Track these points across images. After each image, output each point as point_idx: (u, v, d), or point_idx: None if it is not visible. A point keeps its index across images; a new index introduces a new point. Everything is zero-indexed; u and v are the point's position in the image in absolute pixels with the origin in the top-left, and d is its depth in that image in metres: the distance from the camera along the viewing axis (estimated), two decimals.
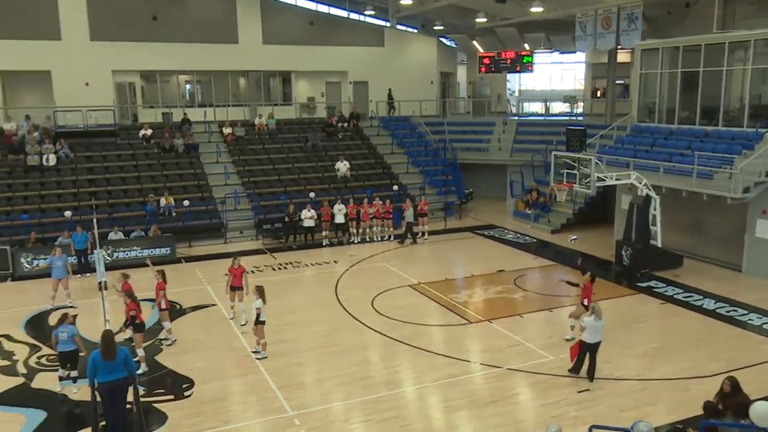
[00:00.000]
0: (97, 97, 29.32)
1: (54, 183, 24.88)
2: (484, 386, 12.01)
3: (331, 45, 34.54)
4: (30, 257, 20.05)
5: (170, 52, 31.30)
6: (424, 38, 37.68)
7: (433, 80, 37.18)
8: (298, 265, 21.05)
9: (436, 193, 28.49)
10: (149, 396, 11.58)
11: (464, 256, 22.15)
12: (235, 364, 13.14)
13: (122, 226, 22.15)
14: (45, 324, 15.67)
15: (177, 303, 16.91)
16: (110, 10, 29.97)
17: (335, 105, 35.48)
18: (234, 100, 33.97)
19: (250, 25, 32.97)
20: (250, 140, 29.93)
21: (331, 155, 29.32)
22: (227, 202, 25.05)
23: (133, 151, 27.68)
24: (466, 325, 15.24)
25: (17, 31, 28.38)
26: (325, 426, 10.60)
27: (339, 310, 16.45)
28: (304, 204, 24.18)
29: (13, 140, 25.92)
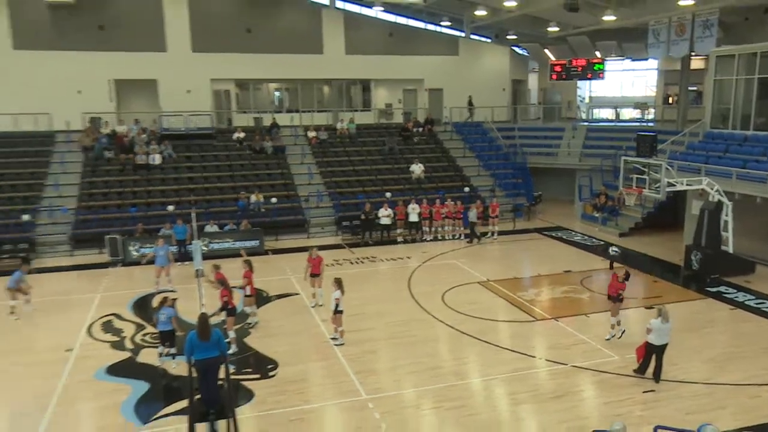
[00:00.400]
0: (197, 103, 30.58)
1: (159, 180, 26.10)
2: (548, 381, 11.76)
3: (409, 55, 34.62)
4: (137, 246, 21.12)
5: (262, 62, 32.20)
6: (497, 47, 37.16)
7: (504, 87, 36.62)
8: (374, 260, 21.23)
9: (506, 195, 28.06)
10: (238, 374, 12.00)
11: (532, 256, 21.73)
12: (315, 350, 13.40)
13: (217, 220, 23.00)
14: (149, 306, 16.47)
15: (263, 291, 17.40)
16: (209, 25, 31.16)
17: (411, 111, 35.51)
18: (318, 107, 34.58)
19: (334, 37, 33.49)
20: (333, 143, 30.39)
21: (407, 158, 29.38)
22: (310, 200, 25.59)
23: (227, 152, 28.65)
24: (533, 322, 14.96)
25: (129, 45, 29.97)
26: (396, 410, 10.66)
27: (411, 303, 16.49)
28: (380, 203, 24.37)
29: (125, 141, 27.34)
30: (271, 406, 10.85)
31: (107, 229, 22.11)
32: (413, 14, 35.14)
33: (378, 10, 34.19)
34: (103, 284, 18.62)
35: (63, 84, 28.82)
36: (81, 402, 11.20)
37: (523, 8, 29.20)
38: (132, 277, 19.54)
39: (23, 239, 21.82)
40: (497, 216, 24.14)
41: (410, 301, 16.66)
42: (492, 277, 18.55)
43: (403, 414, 10.59)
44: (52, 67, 28.89)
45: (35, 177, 25.14)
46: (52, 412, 10.77)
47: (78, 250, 22.32)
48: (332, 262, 20.32)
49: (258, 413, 10.64)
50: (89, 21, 29.51)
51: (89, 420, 10.63)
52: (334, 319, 13.47)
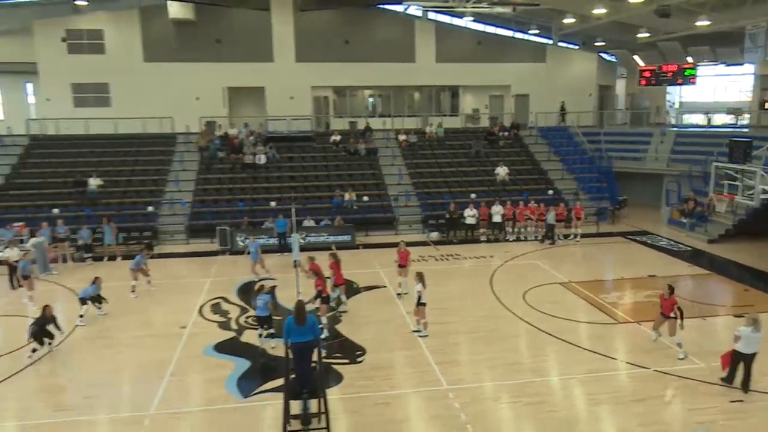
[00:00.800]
0: (299, 108, 31.55)
1: (263, 178, 27.10)
2: (629, 384, 11.15)
3: (496, 62, 34.05)
4: (243, 237, 22.04)
5: (358, 70, 32.73)
6: (585, 54, 35.76)
7: (591, 93, 35.18)
8: (458, 257, 21.02)
9: (590, 198, 26.95)
10: (329, 358, 12.22)
11: (615, 260, 20.73)
12: (400, 339, 13.41)
13: (314, 216, 23.61)
14: (251, 291, 17.13)
15: (354, 282, 17.66)
16: (312, 37, 32.04)
17: (497, 116, 34.89)
18: (408, 112, 34.66)
19: (425, 46, 33.48)
20: (421, 146, 30.35)
21: (492, 161, 28.86)
22: (399, 199, 25.70)
23: (324, 154, 29.31)
24: (614, 324, 14.25)
25: (241, 56, 31.40)
26: (476, 402, 10.49)
27: (493, 299, 16.18)
28: (465, 203, 24.10)
29: (235, 143, 28.60)
30: (358, 390, 10.98)
31: (218, 221, 23.25)
32: (502, 23, 34.50)
33: (468, 20, 33.84)
34: (213, 270, 19.56)
35: (184, 92, 30.63)
36: (191, 374, 11.81)
37: (612, 15, 27.93)
38: (238, 264, 20.32)
39: (148, 228, 23.35)
40: (580, 219, 23.23)
41: (492, 297, 16.35)
42: (573, 279, 17.85)
43: (482, 406, 10.40)
44: (175, 77, 30.77)
45: (159, 173, 26.83)
46: (167, 381, 11.43)
47: (192, 239, 23.61)
48: (418, 258, 20.31)
49: (346, 395, 10.79)
50: (207, 35, 31.17)
51: (197, 391, 11.18)
52: (418, 311, 13.44)
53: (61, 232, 20.71)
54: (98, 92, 30.86)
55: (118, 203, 24.66)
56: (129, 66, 30.68)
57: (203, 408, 10.47)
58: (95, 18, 30.94)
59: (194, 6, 30.00)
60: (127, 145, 28.66)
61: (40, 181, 25.66)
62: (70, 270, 19.84)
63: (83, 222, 21.89)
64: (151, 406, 10.43)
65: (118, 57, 30.72)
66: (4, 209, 23.50)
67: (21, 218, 22.31)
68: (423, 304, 13.29)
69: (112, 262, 20.83)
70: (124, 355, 12.78)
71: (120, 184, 25.91)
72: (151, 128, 29.71)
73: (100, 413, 10.29)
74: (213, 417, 10.13)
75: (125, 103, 30.47)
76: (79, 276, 18.80)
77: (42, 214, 22.60)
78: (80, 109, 30.30)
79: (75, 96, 30.73)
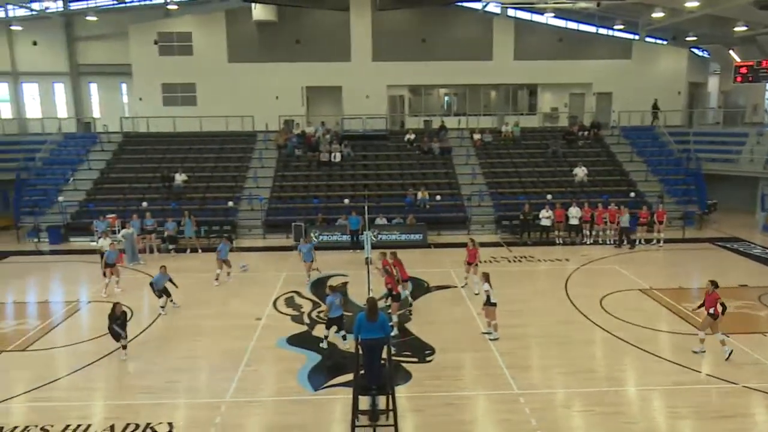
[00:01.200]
0: (374, 107, 31.86)
1: (338, 176, 27.57)
2: (715, 400, 10.51)
3: (578, 59, 32.97)
4: (317, 233, 22.51)
5: (434, 69, 32.63)
6: (674, 49, 33.95)
7: (680, 90, 33.33)
8: (532, 260, 20.53)
9: (676, 202, 25.58)
10: (398, 356, 12.25)
11: (701, 267, 19.54)
12: (470, 340, 13.26)
13: (386, 213, 23.76)
14: (324, 287, 17.46)
15: (424, 281, 17.64)
16: (389, 36, 32.27)
17: (577, 115, 33.78)
18: (484, 110, 34.22)
19: (503, 44, 32.92)
20: (497, 146, 29.87)
21: (570, 161, 27.98)
22: (472, 199, 25.41)
23: (398, 152, 29.44)
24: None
25: (320, 56, 32.09)
26: (547, 408, 10.21)
27: (568, 304, 15.69)
28: (541, 204, 23.51)
29: (312, 141, 29.27)
30: (427, 389, 10.96)
31: (293, 217, 23.86)
32: (584, 19, 33.34)
33: (549, 17, 32.97)
34: (288, 264, 20.08)
35: (264, 91, 31.67)
36: (264, 365, 12.19)
37: (705, 8, 26.34)
38: None
39: (227, 222, 24.33)
40: (663, 223, 22.10)
41: (566, 302, 15.86)
42: (655, 285, 17.02)
43: (554, 413, 10.11)
44: (257, 77, 31.87)
45: (239, 170, 27.89)
46: (243, 370, 11.87)
47: (269, 233, 24.37)
48: (490, 259, 20.03)
49: (414, 394, 10.80)
50: (288, 36, 32.06)
51: (270, 381, 11.53)
52: (487, 312, 13.23)
53: (149, 224, 21.97)
54: (185, 92, 32.47)
55: (200, 198, 25.85)
56: (214, 66, 32.08)
57: (275, 398, 10.79)
58: (184, 21, 32.56)
59: (276, 7, 30.92)
60: (211, 143, 29.99)
61: (131, 175, 27.32)
62: (156, 260, 20.95)
63: (169, 215, 23.13)
64: (228, 394, 10.87)
65: (204, 58, 32.18)
66: (98, 202, 25.21)
67: (113, 210, 23.86)
68: (493, 304, 13.07)
69: (195, 254, 21.86)
70: (203, 343, 13.37)
71: (203, 179, 27.14)
72: (233, 126, 30.93)
73: (179, 397, 10.83)
74: (284, 408, 10.42)
75: (210, 102, 31.89)
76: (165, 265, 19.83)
77: (132, 207, 24.07)
78: (169, 107, 32.00)
79: (164, 95, 32.47)
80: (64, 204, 24.95)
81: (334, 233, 22.70)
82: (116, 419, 9.95)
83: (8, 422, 9.91)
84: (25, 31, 32.90)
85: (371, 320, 9.45)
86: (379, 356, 9.64)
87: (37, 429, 9.68)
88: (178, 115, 30.99)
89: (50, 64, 34.17)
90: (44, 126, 31.87)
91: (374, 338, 9.46)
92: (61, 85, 35.11)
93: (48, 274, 19.93)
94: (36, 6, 31.04)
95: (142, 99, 32.36)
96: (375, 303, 9.75)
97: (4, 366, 12.24)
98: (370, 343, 9.46)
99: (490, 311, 13.17)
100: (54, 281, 19.17)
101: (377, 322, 9.48)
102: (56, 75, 34.63)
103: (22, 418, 10.09)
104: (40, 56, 33.95)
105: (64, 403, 10.63)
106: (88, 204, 25.15)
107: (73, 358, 12.52)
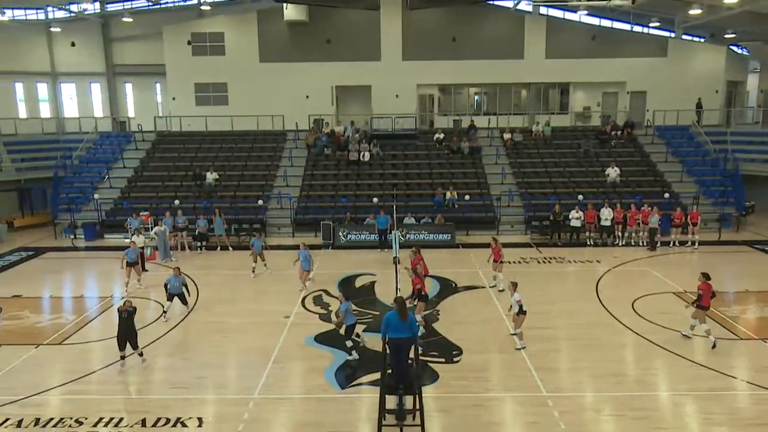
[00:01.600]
0: (404, 106, 31.85)
1: (366, 175, 27.63)
2: (751, 407, 10.20)
3: (611, 57, 32.39)
4: (345, 232, 22.59)
5: (464, 68, 32.46)
6: (712, 47, 33.09)
7: (717, 89, 32.47)
8: (562, 261, 20.26)
9: (712, 203, 24.93)
10: (425, 356, 12.22)
11: (738, 270, 19.00)
12: (498, 341, 13.15)
13: (415, 213, 23.73)
14: (351, 285, 17.58)
15: (452, 281, 17.57)
16: (419, 35, 32.20)
17: (610, 114, 33.20)
18: (515, 110, 33.90)
19: (535, 43, 32.55)
20: (527, 145, 29.55)
21: (602, 161, 27.52)
22: (502, 199, 25.19)
23: (427, 152, 29.36)
24: (735, 340, 13.10)
25: (350, 55, 32.22)
26: (576, 411, 10.07)
27: (598, 306, 15.44)
28: (571, 205, 23.18)
29: (341, 140, 29.40)
30: (454, 389, 10.91)
31: (322, 216, 24.02)
32: (619, 16, 32.74)
33: (582, 14, 32.48)
34: (316, 263, 20.13)
35: (295, 91, 31.95)
36: (292, 362, 12.29)
37: (745, 4, 25.61)
38: (339, 258, 20.90)
39: (257, 220, 24.61)
40: (697, 224, 21.57)
41: (597, 304, 15.61)
42: (689, 289, 16.54)
43: (583, 416, 9.96)
44: (287, 77, 32.15)
45: (269, 169, 28.18)
46: (271, 367, 11.99)
47: (298, 232, 24.56)
48: (519, 260, 19.86)
49: (441, 394, 10.76)
50: (318, 36, 32.26)
51: (298, 379, 11.63)
52: (517, 320, 12.90)
53: (181, 222, 22.35)
54: (217, 91, 32.95)
55: (231, 196, 26.20)
56: (246, 66, 32.48)
57: (303, 396, 10.87)
58: (217, 21, 33.04)
59: (307, 7, 31.13)
60: (241, 142, 30.38)
61: (164, 174, 27.85)
62: (187, 257, 21.34)
63: (200, 213, 23.50)
64: (256, 390, 10.99)
65: (236, 58, 32.61)
66: (132, 199, 25.77)
67: (146, 208, 24.36)
68: (524, 312, 12.85)
69: (225, 251, 22.17)
70: (232, 340, 13.55)
71: (234, 178, 27.51)
72: (264, 125, 31.27)
73: (209, 393, 11.01)
74: (312, 405, 10.49)
75: (241, 101, 32.31)
76: (195, 263, 20.22)
77: (164, 205, 24.53)
78: (201, 107, 32.52)
79: (197, 95, 33.00)
80: (100, 201, 25.59)
81: (363, 232, 22.70)
82: (147, 413, 10.16)
83: (44, 414, 10.20)
84: (64, 33, 33.82)
85: (401, 319, 9.47)
86: (407, 356, 9.64)
87: (72, 421, 9.95)
88: (210, 114, 31.49)
89: (87, 64, 35.07)
90: (81, 125, 32.76)
91: (402, 337, 9.47)
92: (98, 85, 36.00)
93: (83, 270, 20.47)
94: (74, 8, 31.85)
95: (175, 98, 32.96)
96: (404, 302, 9.76)
97: (41, 359, 12.60)
98: (397, 342, 9.47)
99: (519, 319, 12.82)
100: (89, 277, 19.68)
101: (406, 321, 9.49)
102: (93, 75, 35.52)
103: (58, 410, 10.37)
104: (78, 57, 34.86)
105: (98, 396, 10.90)
106: (123, 202, 25.72)
107: (106, 352, 12.81)
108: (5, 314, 15.30)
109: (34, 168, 28.88)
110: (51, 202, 26.64)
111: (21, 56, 33.56)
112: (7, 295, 17.03)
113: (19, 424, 9.88)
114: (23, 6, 31.76)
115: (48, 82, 35.22)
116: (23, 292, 17.34)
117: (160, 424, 9.82)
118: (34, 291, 17.53)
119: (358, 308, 15.45)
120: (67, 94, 36.16)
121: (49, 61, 34.71)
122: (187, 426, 9.77)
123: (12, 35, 32.54)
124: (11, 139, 30.43)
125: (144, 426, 9.77)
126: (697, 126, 30.20)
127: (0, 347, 13.13)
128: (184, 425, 9.79)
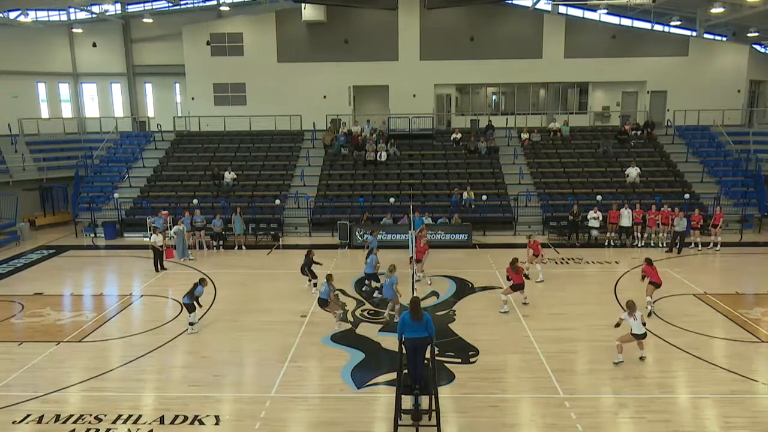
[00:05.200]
0: (421, 106, 31.79)
1: (383, 174, 27.64)
2: None
3: (631, 56, 32.00)
4: (362, 231, 22.61)
5: (482, 67, 32.31)
6: (735, 45, 32.55)
7: (740, 89, 31.94)
8: (580, 262, 20.09)
9: (734, 204, 24.53)
10: (442, 356, 12.20)
11: (761, 272, 18.67)
12: (515, 342, 13.09)
13: (431, 213, 23.67)
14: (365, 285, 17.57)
15: (469, 282, 17.51)
16: (437, 35, 32.11)
17: (630, 114, 32.83)
18: (533, 109, 33.68)
19: (554, 42, 32.27)
20: (545, 145, 29.34)
21: (622, 161, 27.23)
22: (519, 199, 25.04)
23: (444, 152, 29.28)
24: (758, 343, 12.88)
25: (368, 55, 32.24)
26: (593, 414, 9.98)
27: (616, 308, 15.23)
28: (590, 205, 22.97)
29: (358, 140, 29.45)
30: (471, 390, 10.88)
31: (339, 216, 24.07)
32: (639, 15, 32.36)
33: (602, 13, 32.14)
34: (333, 262, 20.27)
35: (312, 91, 32.07)
36: (309, 361, 12.34)
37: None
38: (356, 258, 20.87)
39: (275, 220, 24.75)
40: (719, 225, 21.25)
41: (615, 306, 15.42)
42: (710, 291, 16.38)
43: (600, 418, 9.87)
44: (305, 77, 32.28)
45: (287, 168, 28.31)
46: (287, 366, 12.05)
47: (314, 232, 24.66)
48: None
49: (457, 395, 10.73)
50: (336, 36, 32.32)
51: (314, 378, 11.67)
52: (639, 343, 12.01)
53: (199, 221, 22.55)
54: (236, 91, 33.18)
55: (249, 196, 26.38)
56: (264, 66, 32.66)
57: (319, 395, 10.91)
58: (236, 22, 33.27)
59: (325, 8, 31.22)
60: (259, 142, 30.57)
61: (182, 173, 28.13)
62: (205, 256, 21.54)
63: (218, 212, 23.66)
64: (273, 389, 11.06)
65: (254, 58, 32.81)
66: (151, 199, 26.07)
67: (165, 207, 24.62)
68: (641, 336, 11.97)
69: (242, 250, 22.32)
70: (250, 338, 13.65)
71: (251, 177, 27.69)
72: (281, 125, 31.42)
73: (226, 391, 11.09)
74: (328, 404, 10.53)
75: (259, 101, 32.51)
76: (212, 261, 20.42)
77: (183, 204, 24.78)
78: (220, 107, 32.79)
79: (216, 95, 33.27)
80: (120, 200, 25.93)
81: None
82: (165, 410, 10.27)
83: (64, 410, 10.36)
84: (85, 34, 34.30)
85: (415, 320, 9.46)
86: (423, 356, 9.63)
87: (91, 417, 10.09)
88: (228, 114, 31.74)
89: (108, 65, 35.52)
90: (102, 125, 33.20)
91: (418, 338, 9.46)
92: (118, 86, 36.45)
93: (103, 268, 20.75)
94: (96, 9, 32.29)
95: (194, 99, 33.26)
96: (418, 302, 9.75)
97: (62, 356, 12.80)
98: (413, 342, 9.47)
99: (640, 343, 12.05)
100: (109, 275, 19.95)
101: (420, 322, 9.48)
102: (114, 76, 35.97)
103: (78, 407, 10.53)
104: (99, 58, 35.32)
105: (117, 393, 11.04)
106: (142, 201, 26.03)
107: (125, 349, 13.00)
108: (27, 311, 15.58)
109: (55, 167, 29.37)
110: (72, 201, 27.05)
111: (43, 57, 34.09)
112: (29, 292, 17.34)
113: (39, 420, 10.06)
114: (46, 7, 32.26)
115: (69, 82, 35.75)
116: (44, 289, 17.64)
117: (178, 422, 9.92)
118: (55, 289, 17.82)
119: (375, 308, 15.51)
120: (89, 94, 36.65)
121: (70, 61, 35.23)
122: (205, 424, 9.86)
123: (35, 37, 33.09)
124: (34, 138, 30.96)
125: (162, 423, 9.89)
126: (718, 126, 29.72)
127: (21, 344, 13.37)
128: (201, 423, 9.88)
